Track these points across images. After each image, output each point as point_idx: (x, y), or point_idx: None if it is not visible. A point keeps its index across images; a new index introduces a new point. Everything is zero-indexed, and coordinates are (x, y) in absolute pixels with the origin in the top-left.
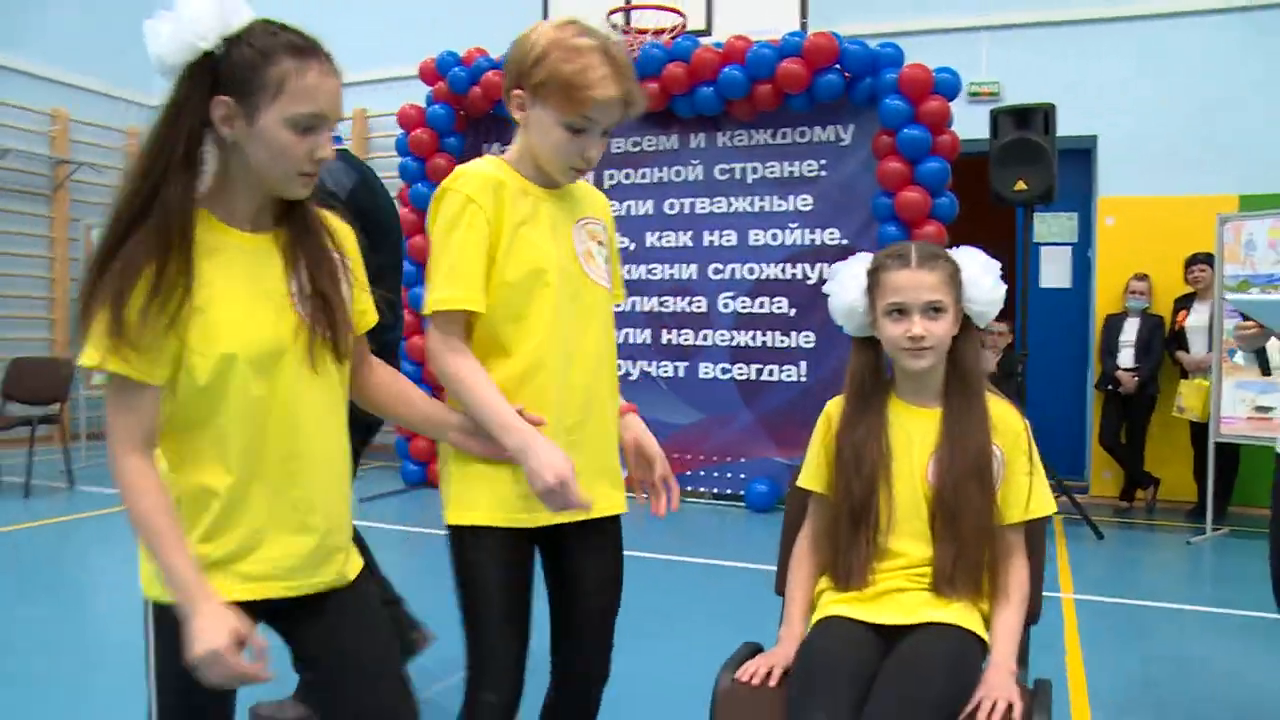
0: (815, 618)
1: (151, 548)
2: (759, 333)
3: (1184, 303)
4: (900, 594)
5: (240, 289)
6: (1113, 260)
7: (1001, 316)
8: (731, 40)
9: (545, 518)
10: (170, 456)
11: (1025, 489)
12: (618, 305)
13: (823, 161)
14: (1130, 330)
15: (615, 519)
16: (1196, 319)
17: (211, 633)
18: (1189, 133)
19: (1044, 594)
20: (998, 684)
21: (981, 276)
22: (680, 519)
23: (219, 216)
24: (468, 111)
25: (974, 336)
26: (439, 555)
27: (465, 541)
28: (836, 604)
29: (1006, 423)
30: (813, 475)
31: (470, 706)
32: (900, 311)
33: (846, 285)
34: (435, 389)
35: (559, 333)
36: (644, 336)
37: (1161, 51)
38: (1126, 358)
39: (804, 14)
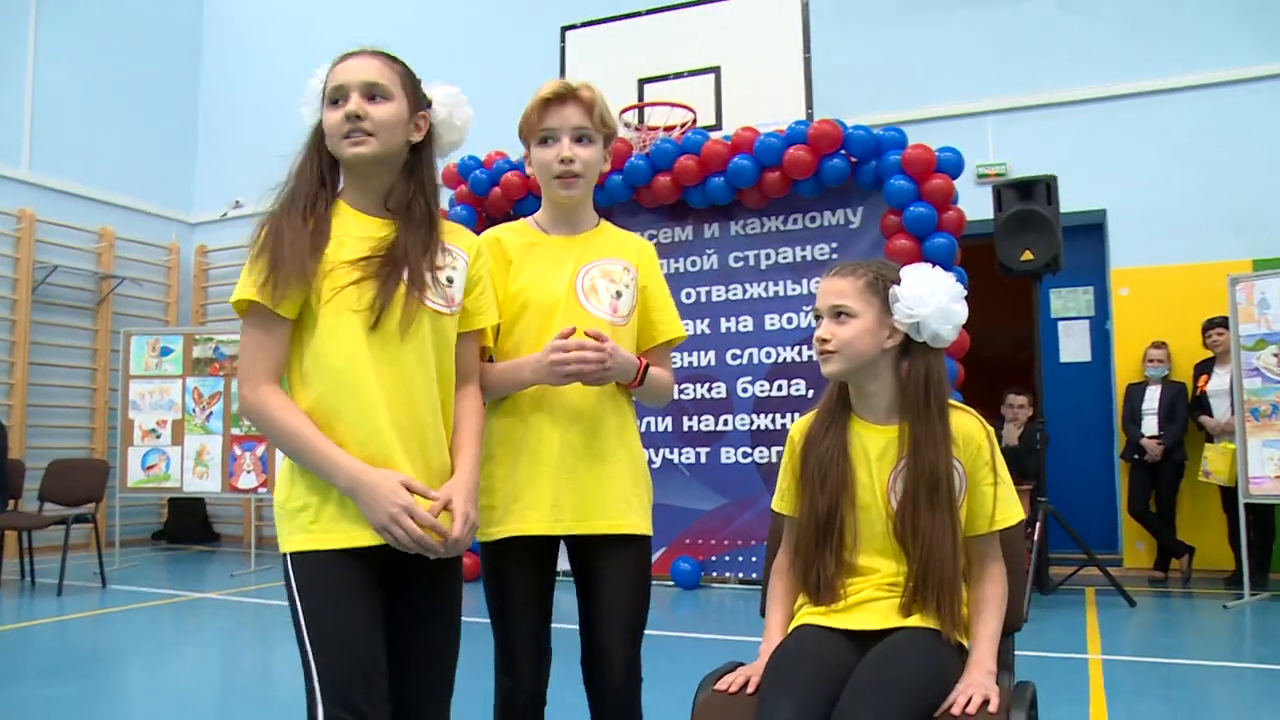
0: (790, 627)
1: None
2: (778, 415)
3: (1204, 367)
4: (873, 603)
5: None
6: (1130, 330)
7: (1022, 390)
8: (739, 131)
9: (535, 527)
10: None
11: (990, 500)
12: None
13: (833, 244)
14: (1152, 398)
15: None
16: (1218, 382)
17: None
18: (1197, 201)
19: (1069, 656)
20: (975, 681)
21: (912, 285)
22: (707, 602)
23: None
24: (488, 212)
25: (928, 356)
26: (466, 641)
27: (485, 555)
28: (810, 614)
29: (967, 435)
30: (783, 498)
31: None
32: (819, 316)
33: None
34: None
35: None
36: (665, 424)
37: (1164, 124)
38: (1150, 425)
39: (809, 105)
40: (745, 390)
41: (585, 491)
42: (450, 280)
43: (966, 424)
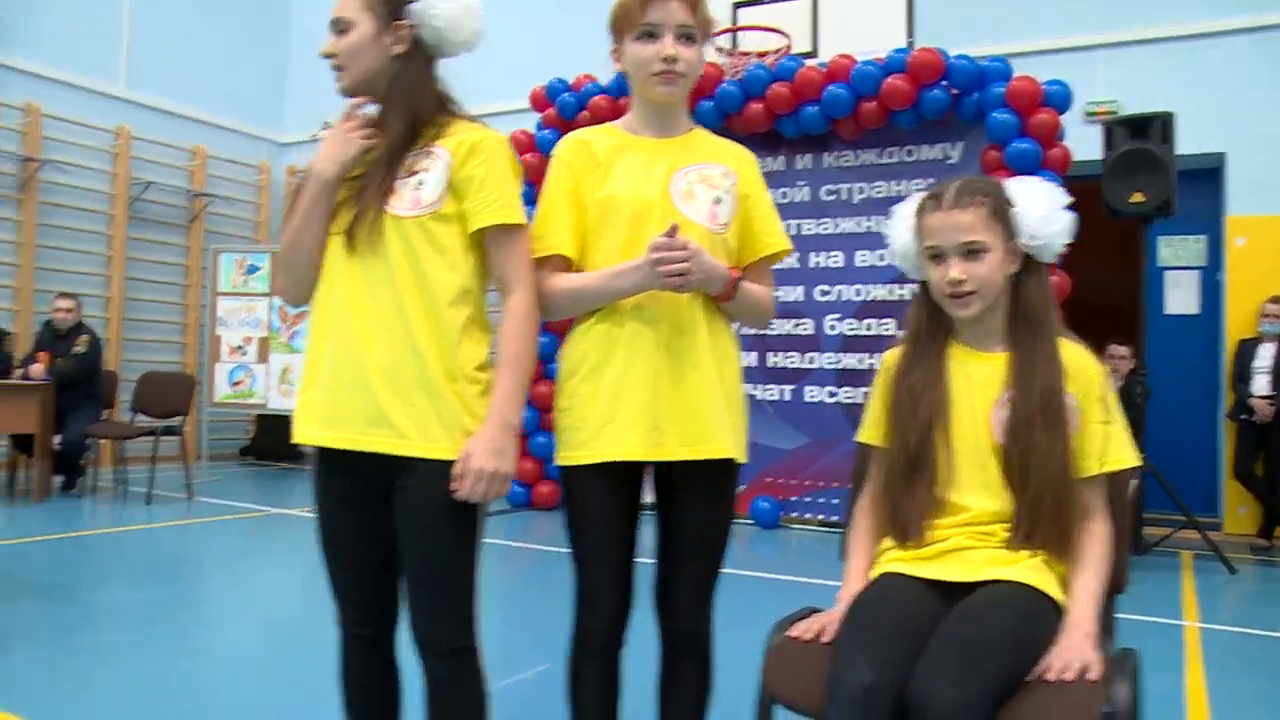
0: (873, 574)
1: None
2: (866, 355)
3: None
4: (965, 551)
5: None
6: (1245, 283)
7: (1124, 340)
8: (836, 59)
9: (633, 452)
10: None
11: (1101, 439)
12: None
13: (930, 180)
14: (1266, 355)
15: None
16: None
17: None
18: None
19: (1164, 621)
20: (1073, 645)
21: (1032, 205)
22: (786, 543)
23: None
24: None
25: (1041, 273)
26: (541, 571)
27: (568, 481)
28: (895, 561)
29: (1080, 368)
30: (871, 428)
31: (574, 631)
32: (938, 256)
33: (899, 228)
34: None
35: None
36: (749, 360)
37: None
38: (1262, 384)
39: (910, 34)
40: (833, 328)
41: (689, 412)
42: (421, 183)
43: (1079, 356)
